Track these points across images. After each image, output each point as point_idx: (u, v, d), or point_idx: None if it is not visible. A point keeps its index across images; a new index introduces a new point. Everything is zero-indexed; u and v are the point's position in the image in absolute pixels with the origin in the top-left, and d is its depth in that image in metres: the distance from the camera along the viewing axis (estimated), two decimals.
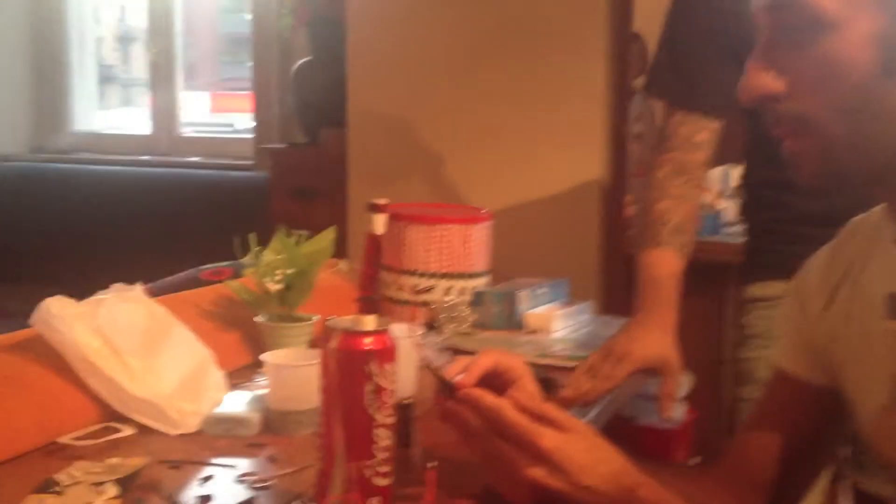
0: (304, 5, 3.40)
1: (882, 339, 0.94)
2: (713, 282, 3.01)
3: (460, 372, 1.01)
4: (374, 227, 0.99)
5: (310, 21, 3.39)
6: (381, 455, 0.97)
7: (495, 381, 1.01)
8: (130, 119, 4.82)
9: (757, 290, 1.69)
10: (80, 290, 1.32)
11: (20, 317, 1.40)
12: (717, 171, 3.29)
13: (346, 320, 1.00)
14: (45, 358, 1.24)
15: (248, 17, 4.10)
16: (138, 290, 1.33)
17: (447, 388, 1.00)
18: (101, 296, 1.30)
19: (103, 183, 4.07)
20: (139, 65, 5.01)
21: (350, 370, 0.96)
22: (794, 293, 1.10)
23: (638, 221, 1.66)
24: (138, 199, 3.96)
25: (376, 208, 0.98)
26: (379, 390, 0.96)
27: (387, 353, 0.97)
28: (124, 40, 5.26)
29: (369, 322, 0.98)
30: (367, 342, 0.96)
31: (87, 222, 4.01)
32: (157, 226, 3.87)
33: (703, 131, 1.58)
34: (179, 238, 3.76)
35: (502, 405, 0.93)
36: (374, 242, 0.99)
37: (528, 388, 1.01)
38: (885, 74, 0.84)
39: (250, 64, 4.06)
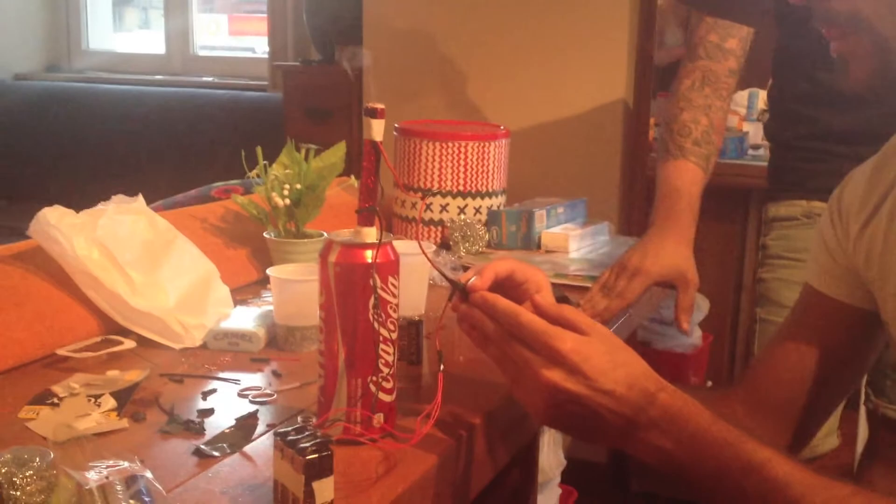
0: None
1: None
2: (737, 206, 2.96)
3: (473, 276, 0.97)
4: (371, 132, 0.92)
5: None
6: (385, 370, 0.93)
7: (513, 293, 0.97)
8: (147, 41, 4.75)
9: (779, 209, 1.64)
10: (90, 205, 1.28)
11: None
12: (742, 94, 3.20)
13: (345, 233, 0.95)
14: (43, 269, 1.21)
15: None
16: (140, 201, 1.29)
17: (461, 292, 0.96)
18: (101, 207, 1.26)
19: (117, 102, 4.03)
20: None
21: (351, 283, 0.91)
22: (831, 211, 1.06)
23: (661, 133, 1.61)
24: (153, 119, 3.91)
25: (373, 112, 0.92)
26: (382, 303, 0.92)
27: (389, 266, 0.93)
28: None
29: (370, 234, 0.93)
30: (368, 255, 0.92)
31: (102, 141, 3.98)
32: (171, 145, 3.83)
33: (732, 38, 1.52)
34: (194, 157, 3.73)
35: (518, 309, 0.89)
36: (373, 150, 0.93)
37: (547, 300, 0.97)
38: None
39: None
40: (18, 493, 0.75)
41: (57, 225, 1.17)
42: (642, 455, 0.88)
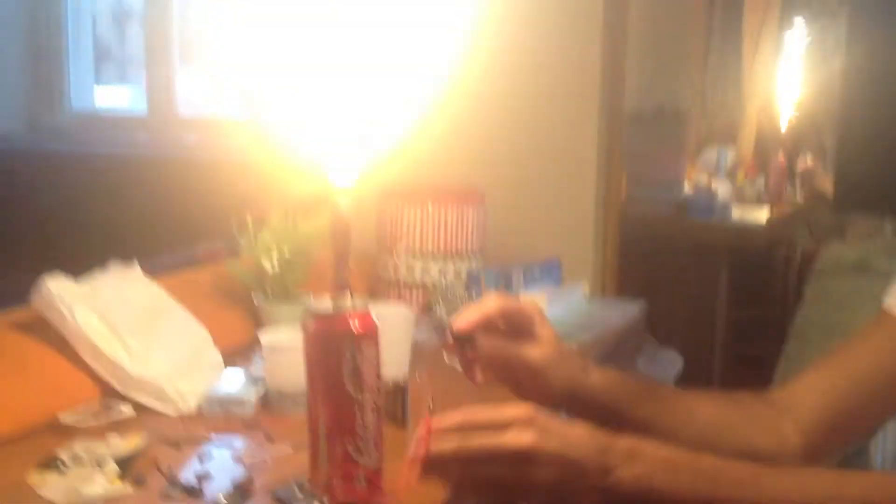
0: None
1: None
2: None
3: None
4: (338, 205, 0.96)
5: None
6: (365, 434, 0.98)
7: (509, 327, 1.02)
8: (124, 96, 4.81)
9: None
10: (77, 270, 1.33)
11: (15, 298, 1.42)
12: (711, 152, 3.31)
13: (323, 302, 0.99)
14: (45, 336, 1.26)
15: None
16: (136, 269, 1.35)
17: (445, 334, 1.01)
18: (99, 275, 1.32)
19: (100, 164, 4.07)
20: (133, 42, 5.00)
21: (326, 352, 0.95)
22: None
23: None
24: (134, 180, 3.96)
25: (337, 189, 0.94)
26: (357, 371, 0.96)
27: (365, 334, 0.97)
28: (117, 16, 5.25)
29: (346, 304, 0.97)
30: (343, 324, 0.95)
31: (82, 203, 4.01)
32: (154, 207, 3.87)
33: None
34: (176, 218, 3.77)
35: (462, 410, 0.90)
36: (342, 223, 0.96)
37: (544, 333, 1.02)
38: None
39: None
40: None
41: (58, 294, 1.23)
42: (626, 491, 0.92)
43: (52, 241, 3.92)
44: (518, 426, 0.88)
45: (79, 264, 1.35)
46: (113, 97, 4.83)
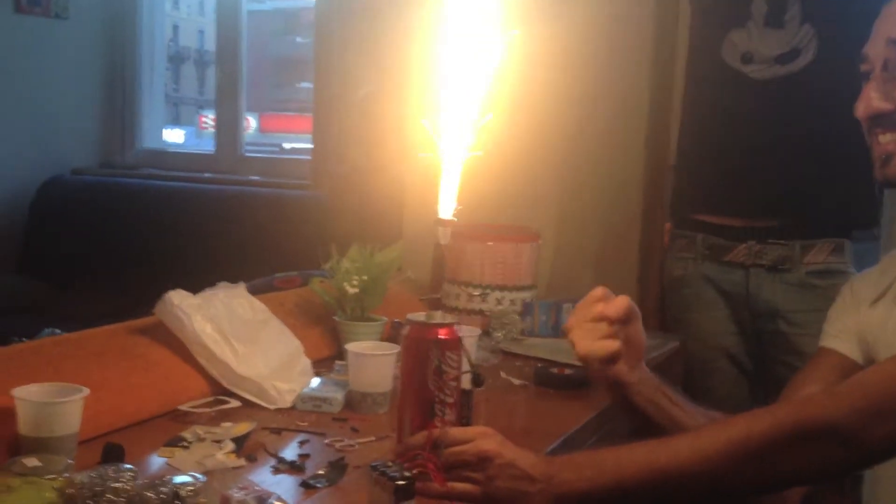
0: None
1: None
2: None
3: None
4: (440, 237, 1.21)
5: None
6: (440, 425, 1.17)
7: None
8: (181, 135, 5.08)
9: None
10: (144, 298, 1.56)
11: (91, 320, 1.65)
12: None
13: (419, 315, 1.22)
14: (165, 340, 1.48)
15: (300, 39, 4.31)
16: (242, 287, 1.56)
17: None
18: (210, 291, 1.53)
19: (169, 197, 4.33)
20: (189, 84, 5.29)
21: (417, 354, 1.18)
22: (850, 289, 1.41)
23: None
24: (202, 214, 4.20)
25: (442, 223, 1.20)
26: (440, 372, 1.17)
27: (448, 343, 1.18)
28: (175, 60, 5.53)
29: (436, 317, 1.20)
30: (431, 332, 1.18)
31: (151, 234, 4.25)
32: (221, 239, 4.10)
33: None
34: (242, 250, 4.00)
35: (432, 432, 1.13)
36: (440, 251, 1.21)
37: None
38: None
39: (303, 85, 4.26)
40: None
41: (179, 305, 1.45)
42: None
43: (123, 270, 4.18)
44: (483, 438, 1.11)
45: (145, 293, 1.57)
46: (170, 135, 5.12)
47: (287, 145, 5.54)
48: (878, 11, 1.33)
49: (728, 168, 2.00)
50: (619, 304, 1.25)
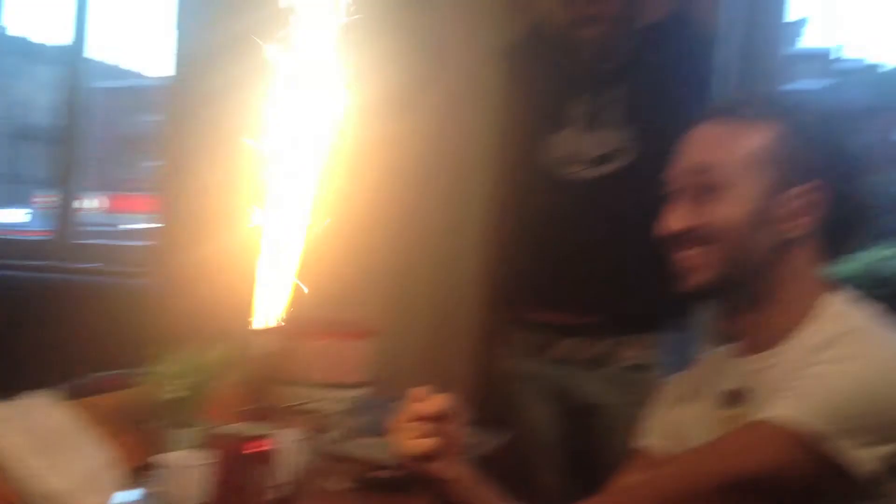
0: None
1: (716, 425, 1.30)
2: None
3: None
4: (259, 347, 1.20)
5: None
6: None
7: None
8: (16, 216, 4.85)
9: None
10: None
11: None
12: None
13: (231, 427, 1.20)
14: None
15: (151, 118, 4.16)
16: (49, 395, 1.49)
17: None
18: (15, 401, 1.46)
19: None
20: (28, 163, 5.09)
21: (225, 468, 1.17)
22: (665, 388, 1.49)
23: None
24: (33, 304, 3.99)
25: (260, 333, 1.19)
26: (247, 487, 1.15)
27: (262, 455, 1.17)
28: (14, 138, 5.31)
29: (249, 429, 1.18)
30: (240, 447, 1.17)
31: None
32: (50, 332, 3.90)
33: None
34: (71, 344, 3.81)
35: None
36: (264, 359, 1.20)
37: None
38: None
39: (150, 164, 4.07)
40: None
41: None
42: None
43: None
44: None
45: None
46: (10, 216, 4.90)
47: (126, 227, 5.37)
48: (692, 118, 1.40)
49: (547, 266, 2.05)
50: (435, 403, 1.28)
